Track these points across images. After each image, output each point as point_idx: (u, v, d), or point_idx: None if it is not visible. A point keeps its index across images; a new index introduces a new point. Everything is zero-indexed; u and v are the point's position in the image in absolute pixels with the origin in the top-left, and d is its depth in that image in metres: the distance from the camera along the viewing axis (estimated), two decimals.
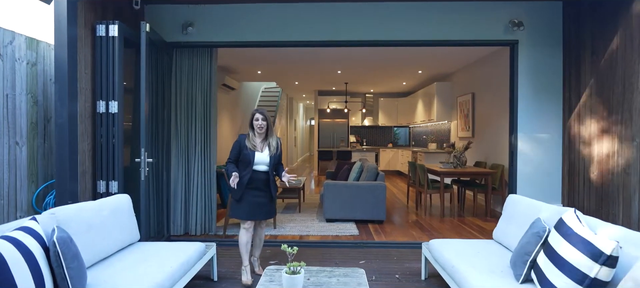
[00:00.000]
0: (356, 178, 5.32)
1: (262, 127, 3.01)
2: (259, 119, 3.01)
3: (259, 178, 3.02)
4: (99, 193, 3.19)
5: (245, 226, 3.03)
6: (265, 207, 3.08)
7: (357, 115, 11.61)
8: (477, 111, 6.85)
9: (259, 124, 3.00)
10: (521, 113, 3.98)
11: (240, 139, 3.05)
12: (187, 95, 4.28)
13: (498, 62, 5.94)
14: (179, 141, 4.27)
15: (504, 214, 2.79)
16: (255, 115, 3.01)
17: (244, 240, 3.04)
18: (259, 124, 3.00)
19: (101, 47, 3.16)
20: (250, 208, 2.99)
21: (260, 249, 3.31)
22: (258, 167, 3.01)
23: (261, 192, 3.04)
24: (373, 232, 4.55)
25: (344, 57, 6.46)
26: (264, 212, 3.08)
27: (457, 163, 5.76)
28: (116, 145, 3.18)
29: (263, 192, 3.05)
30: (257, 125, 3.00)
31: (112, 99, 3.17)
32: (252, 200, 2.99)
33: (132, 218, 2.68)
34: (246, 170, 2.98)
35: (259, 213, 3.05)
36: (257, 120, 3.01)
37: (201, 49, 4.22)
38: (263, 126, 3.01)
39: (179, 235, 4.26)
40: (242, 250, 3.05)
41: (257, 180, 3.01)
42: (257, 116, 3.02)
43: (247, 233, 3.04)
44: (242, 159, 3.01)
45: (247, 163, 2.98)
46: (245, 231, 3.04)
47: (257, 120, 3.01)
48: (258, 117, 3.01)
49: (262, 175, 3.03)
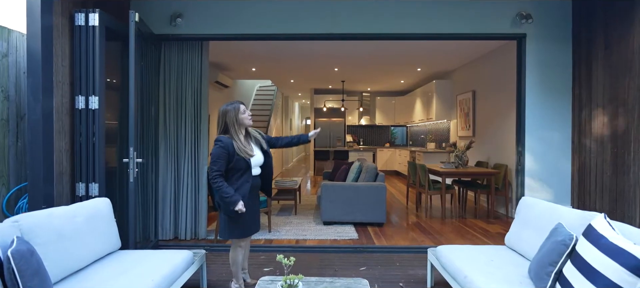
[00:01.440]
0: (355, 179, 5.11)
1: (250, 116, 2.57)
2: (246, 110, 2.53)
3: (256, 184, 2.59)
4: (78, 196, 2.94)
5: (240, 244, 2.56)
6: (257, 214, 2.68)
7: (354, 114, 11.40)
8: (478, 110, 6.67)
9: (248, 113, 2.54)
10: (529, 110, 3.79)
11: (227, 143, 2.40)
12: (176, 91, 4.03)
13: (500, 59, 5.76)
14: (168, 141, 4.02)
15: (517, 218, 2.58)
16: (241, 107, 2.49)
17: (239, 259, 2.59)
18: (249, 114, 2.55)
19: (80, 37, 2.91)
20: (247, 223, 2.53)
21: (247, 258, 2.88)
22: (255, 171, 2.56)
23: (256, 199, 2.64)
24: (373, 236, 4.33)
25: (341, 53, 6.24)
26: (258, 220, 2.68)
27: (458, 163, 5.57)
28: (97, 144, 2.93)
29: (257, 198, 2.66)
30: (248, 116, 2.53)
31: (92, 94, 2.92)
32: (250, 211, 2.50)
33: (111, 224, 2.43)
34: (242, 178, 2.45)
35: (256, 225, 2.64)
36: (245, 112, 2.51)
37: (191, 42, 3.97)
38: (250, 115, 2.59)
39: (168, 240, 4.01)
40: (234, 269, 2.61)
41: (254, 188, 2.57)
42: (243, 107, 2.51)
43: (242, 251, 2.60)
44: (233, 167, 2.42)
45: (242, 170, 2.44)
46: (240, 250, 2.57)
47: (245, 112, 2.51)
48: (243, 108, 2.51)
49: (258, 179, 2.62)
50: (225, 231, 2.51)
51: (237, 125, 2.44)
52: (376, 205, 4.67)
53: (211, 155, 2.43)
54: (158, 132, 3.98)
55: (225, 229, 2.51)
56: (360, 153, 10.17)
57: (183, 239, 4.04)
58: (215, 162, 2.40)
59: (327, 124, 11.00)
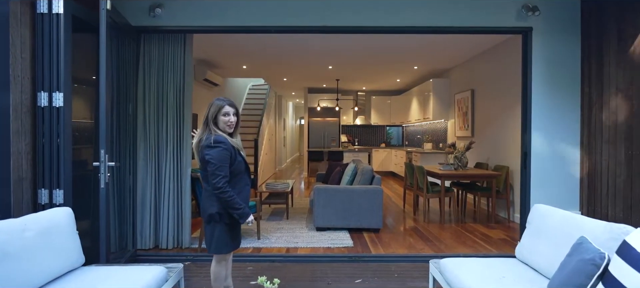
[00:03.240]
0: (349, 182, 4.84)
1: (233, 124, 2.18)
2: (230, 113, 2.16)
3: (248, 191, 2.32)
4: (41, 204, 2.63)
5: (226, 258, 2.29)
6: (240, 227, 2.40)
7: (349, 114, 11.14)
8: (478, 109, 6.44)
9: (230, 119, 2.15)
10: (535, 109, 3.55)
11: (227, 144, 2.12)
12: (157, 88, 3.72)
13: (501, 56, 5.53)
14: (148, 141, 3.71)
15: (530, 228, 2.33)
16: (226, 107, 2.15)
17: (222, 275, 2.29)
18: (231, 121, 2.16)
19: (43, 26, 2.60)
20: (236, 234, 2.28)
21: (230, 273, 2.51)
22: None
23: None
24: (369, 243, 4.07)
25: (335, 50, 5.97)
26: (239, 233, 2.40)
27: (458, 164, 5.33)
28: (62, 146, 2.62)
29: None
30: (227, 121, 2.15)
31: (56, 90, 2.61)
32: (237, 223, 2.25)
33: (72, 237, 2.14)
34: (242, 182, 2.19)
35: (240, 237, 2.38)
36: (227, 115, 2.15)
37: (173, 34, 3.67)
38: (234, 122, 2.18)
39: (148, 249, 3.70)
40: (216, 285, 2.31)
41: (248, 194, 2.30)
42: (227, 109, 2.15)
43: (226, 265, 2.32)
44: (234, 169, 2.16)
45: (242, 173, 2.19)
46: (224, 264, 2.29)
47: (227, 115, 2.15)
48: (229, 111, 2.16)
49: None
50: (219, 245, 2.19)
51: (211, 123, 2.14)
52: (372, 210, 4.40)
53: (212, 160, 2.06)
54: (136, 133, 3.68)
55: (219, 243, 2.19)
56: (355, 154, 9.91)
57: (164, 248, 3.74)
58: (220, 168, 2.06)
59: (322, 124, 10.73)
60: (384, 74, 8.41)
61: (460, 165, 5.33)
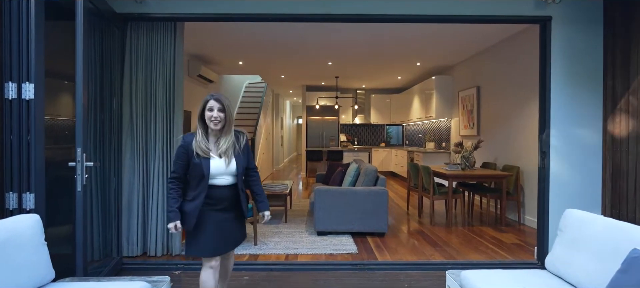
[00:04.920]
0: (352, 183, 4.56)
1: (219, 119, 2.01)
2: (214, 108, 2.00)
3: (223, 196, 2.07)
4: (9, 210, 2.32)
5: (210, 264, 2.10)
6: (235, 233, 2.17)
7: (348, 113, 10.87)
8: (483, 107, 6.19)
9: (214, 115, 2.00)
10: (554, 105, 3.29)
11: (186, 141, 2.06)
12: (145, 82, 3.42)
13: (508, 52, 5.28)
14: (135, 139, 3.41)
15: (562, 237, 2.06)
16: (209, 102, 2.01)
17: (209, 284, 2.09)
18: (214, 116, 2.00)
19: (11, 9, 2.30)
20: (214, 239, 2.06)
21: (227, 280, 2.42)
22: (218, 180, 2.06)
23: (228, 214, 2.11)
24: (374, 249, 3.79)
25: (335, 45, 5.69)
26: (234, 240, 2.19)
27: (465, 164, 5.07)
28: (33, 144, 2.32)
29: (230, 213, 2.12)
30: (211, 117, 2.00)
31: (26, 80, 2.31)
32: (217, 226, 2.06)
33: (39, 250, 1.84)
34: (199, 187, 2.03)
35: (228, 244, 2.15)
36: (211, 110, 2.00)
37: (162, 22, 3.37)
38: (221, 118, 2.01)
39: (135, 256, 3.40)
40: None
41: (220, 199, 2.07)
42: (212, 104, 2.00)
43: (214, 274, 2.11)
44: (191, 172, 2.06)
45: (199, 177, 2.03)
46: (211, 271, 2.10)
47: (211, 110, 2.00)
48: (213, 106, 2.00)
49: (226, 191, 2.08)
50: (188, 245, 2.12)
51: (199, 120, 2.04)
52: (377, 213, 4.13)
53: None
54: (122, 130, 3.38)
55: (187, 243, 2.12)
56: (355, 154, 9.64)
57: (153, 255, 3.44)
58: (173, 163, 2.11)
59: (320, 123, 10.45)
60: (385, 71, 8.15)
61: (468, 165, 5.07)
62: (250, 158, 2.21)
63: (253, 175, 2.24)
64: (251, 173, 2.23)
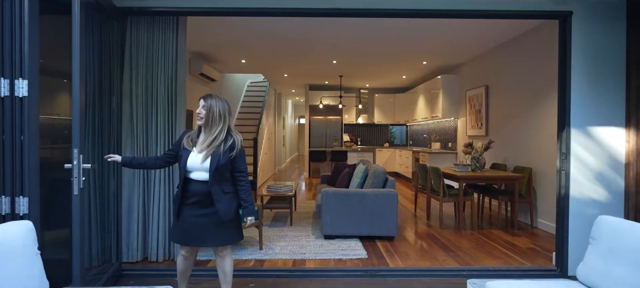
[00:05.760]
0: (360, 185, 4.42)
1: (200, 116, 2.21)
2: (200, 104, 2.23)
3: (196, 191, 2.19)
4: (1, 215, 2.17)
5: (182, 252, 2.34)
6: (206, 231, 2.22)
7: (351, 113, 10.72)
8: (492, 106, 6.04)
9: (198, 110, 2.23)
10: (574, 104, 3.14)
11: (180, 137, 2.33)
12: (145, 79, 3.28)
13: (518, 50, 5.13)
14: (136, 140, 3.26)
15: (597, 246, 1.91)
16: (200, 102, 2.23)
17: (180, 268, 2.38)
18: (198, 111, 2.23)
19: (3, 1, 2.15)
20: (182, 230, 2.23)
21: (229, 285, 2.38)
22: (193, 174, 2.19)
23: (203, 210, 2.20)
24: (384, 253, 3.64)
25: (341, 43, 5.53)
26: (204, 237, 2.22)
27: (475, 165, 4.92)
28: (26, 145, 2.17)
29: (206, 210, 2.20)
30: (197, 112, 2.25)
31: (19, 77, 2.16)
32: (188, 219, 2.21)
33: (31, 260, 1.69)
34: (180, 178, 2.26)
35: (197, 238, 2.23)
36: (199, 107, 2.23)
37: (163, 17, 3.22)
38: (201, 114, 2.20)
39: (135, 262, 3.25)
40: (178, 277, 2.42)
41: (193, 194, 2.19)
42: (200, 101, 2.24)
43: (184, 261, 2.36)
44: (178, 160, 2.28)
45: (179, 168, 2.26)
46: (182, 258, 2.36)
47: (199, 107, 2.23)
48: (200, 102, 2.23)
49: (199, 186, 2.18)
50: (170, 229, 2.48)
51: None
52: (386, 216, 3.98)
53: None
54: (121, 129, 3.23)
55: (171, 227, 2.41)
56: (358, 154, 9.49)
57: (154, 261, 3.29)
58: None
59: (323, 123, 10.30)
60: (391, 70, 8.00)
61: (478, 167, 4.92)
62: (239, 161, 2.25)
63: (240, 178, 2.27)
64: (239, 177, 2.27)
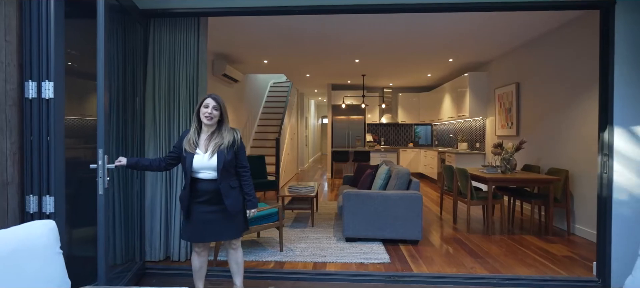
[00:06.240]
0: (382, 186, 4.29)
1: (212, 116, 2.26)
2: (209, 105, 2.26)
3: (205, 189, 2.30)
4: (29, 213, 2.24)
5: (195, 249, 2.47)
6: (218, 226, 2.33)
7: (374, 112, 10.54)
8: (524, 105, 5.73)
9: (208, 111, 2.25)
10: (617, 101, 2.89)
11: (182, 136, 2.38)
12: (168, 80, 3.31)
13: (551, 45, 4.82)
14: (158, 140, 3.31)
15: None
16: (206, 100, 2.28)
17: (195, 266, 2.49)
18: (209, 112, 2.25)
19: (31, 7, 2.21)
20: (194, 228, 2.33)
21: (241, 276, 2.56)
22: (201, 174, 2.29)
23: (212, 207, 2.31)
24: (408, 258, 3.51)
25: (363, 41, 5.41)
26: (215, 233, 2.35)
27: (506, 167, 4.67)
28: (52, 145, 2.22)
29: (214, 207, 2.31)
30: (205, 113, 2.25)
31: (46, 79, 2.21)
32: (199, 217, 2.32)
33: (53, 259, 1.71)
34: (186, 179, 2.31)
35: (210, 234, 2.34)
36: (207, 107, 2.26)
37: (185, 18, 3.24)
38: (214, 115, 2.27)
39: (157, 261, 3.30)
40: (194, 275, 2.52)
41: (203, 192, 2.30)
42: (208, 101, 2.27)
43: (198, 258, 2.48)
44: (181, 162, 2.36)
45: (184, 170, 2.31)
46: (196, 255, 2.48)
47: (207, 107, 2.26)
48: (208, 103, 2.27)
49: (208, 185, 2.29)
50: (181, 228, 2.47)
51: (196, 117, 2.31)
52: (410, 219, 3.84)
53: None
54: (145, 130, 3.28)
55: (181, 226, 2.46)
56: (382, 154, 9.32)
57: (176, 260, 3.32)
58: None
59: (346, 122, 10.18)
60: (415, 68, 7.78)
61: (509, 168, 4.67)
62: (241, 156, 2.35)
63: (244, 174, 2.38)
64: (242, 172, 2.37)
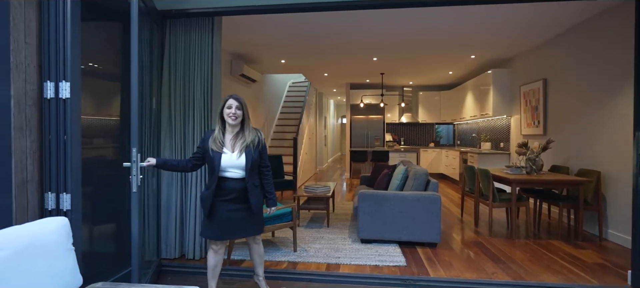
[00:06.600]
0: (399, 187, 4.18)
1: (236, 116, 2.35)
2: (232, 105, 2.34)
3: (232, 188, 2.37)
4: (47, 210, 2.31)
5: (213, 247, 2.46)
6: (242, 223, 2.40)
7: (394, 112, 10.36)
8: (551, 102, 5.44)
9: (232, 111, 2.34)
10: None
11: (206, 136, 2.44)
12: (183, 80, 3.35)
13: (580, 39, 4.55)
14: (173, 139, 3.35)
15: None
16: (229, 101, 2.35)
17: (211, 264, 2.49)
18: (232, 112, 2.34)
19: (49, 8, 2.28)
20: (219, 226, 2.37)
21: (262, 267, 2.68)
22: (229, 173, 2.36)
23: (238, 205, 2.38)
24: (425, 261, 3.39)
25: (380, 39, 5.31)
26: (240, 230, 2.42)
27: (531, 168, 4.45)
28: (69, 143, 2.28)
29: (240, 205, 2.38)
30: (229, 113, 2.34)
31: (62, 79, 2.27)
32: (223, 215, 2.36)
33: (65, 255, 1.74)
34: (212, 177, 2.36)
35: (235, 231, 2.41)
36: (230, 107, 2.34)
37: (199, 18, 3.27)
38: (238, 115, 2.36)
39: (173, 259, 3.34)
40: (208, 273, 2.52)
41: (230, 191, 2.37)
42: (230, 102, 2.35)
43: (215, 256, 2.48)
44: (207, 163, 2.41)
45: (211, 169, 2.36)
46: (213, 253, 2.48)
47: (230, 107, 2.34)
48: (231, 104, 2.35)
49: (237, 183, 2.37)
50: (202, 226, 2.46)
51: (219, 119, 2.40)
52: (428, 221, 3.72)
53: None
54: (161, 129, 3.33)
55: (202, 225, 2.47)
56: (401, 154, 9.14)
57: (190, 259, 3.35)
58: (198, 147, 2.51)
59: (365, 122, 10.06)
60: (436, 66, 7.58)
61: (535, 169, 4.44)
62: (264, 156, 2.45)
63: (265, 172, 2.48)
64: (264, 171, 2.47)
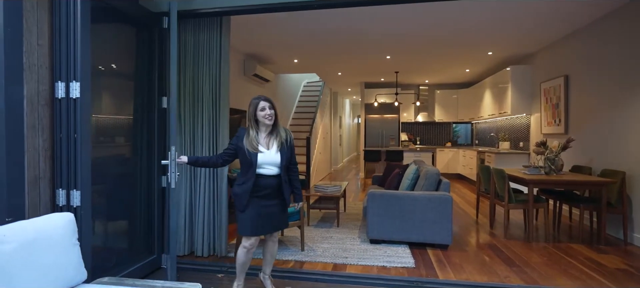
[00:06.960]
0: (410, 187, 4.10)
1: (271, 116, 2.45)
2: (266, 107, 2.44)
3: (268, 184, 2.43)
4: (58, 206, 2.38)
5: (247, 244, 2.47)
6: (276, 218, 2.50)
7: (409, 110, 10.20)
8: (573, 100, 5.22)
9: (268, 113, 2.44)
10: None
11: (240, 135, 2.48)
12: (192, 79, 3.40)
13: (604, 33, 4.33)
14: (183, 138, 3.40)
15: None
16: (261, 103, 2.44)
17: (242, 260, 2.51)
18: (268, 113, 2.43)
19: (60, 10, 2.35)
20: (255, 221, 2.41)
21: (271, 266, 2.72)
22: (265, 170, 2.42)
23: (272, 201, 2.46)
24: (435, 263, 3.31)
25: (394, 37, 5.23)
26: (274, 225, 2.51)
27: (550, 168, 4.27)
28: (79, 142, 2.34)
29: (275, 201, 2.47)
30: (265, 115, 2.43)
31: (73, 79, 2.34)
32: (260, 210, 2.42)
33: (69, 250, 1.79)
34: (248, 174, 2.41)
35: (266, 227, 2.48)
36: (264, 109, 2.43)
37: (208, 18, 3.30)
38: (272, 115, 2.45)
39: (182, 256, 3.39)
40: (238, 269, 2.55)
41: (266, 187, 2.43)
42: (263, 104, 2.44)
43: (247, 254, 2.49)
44: (241, 160, 2.47)
45: (248, 166, 2.42)
46: (245, 251, 2.48)
47: (264, 109, 2.43)
48: (265, 105, 2.44)
49: (272, 180, 2.44)
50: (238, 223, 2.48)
51: (252, 120, 2.46)
52: (439, 222, 3.63)
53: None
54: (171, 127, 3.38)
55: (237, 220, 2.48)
56: (416, 154, 8.99)
57: (199, 256, 3.40)
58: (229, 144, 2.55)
59: (379, 121, 9.95)
60: (451, 64, 7.41)
61: (554, 169, 4.26)
62: (293, 154, 2.54)
63: (294, 169, 2.56)
64: (293, 168, 2.55)
